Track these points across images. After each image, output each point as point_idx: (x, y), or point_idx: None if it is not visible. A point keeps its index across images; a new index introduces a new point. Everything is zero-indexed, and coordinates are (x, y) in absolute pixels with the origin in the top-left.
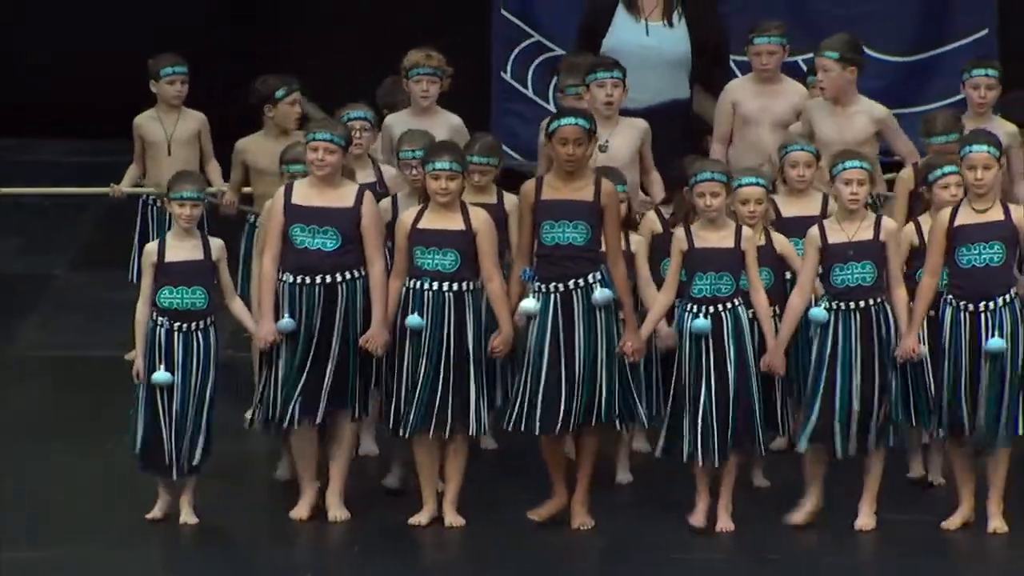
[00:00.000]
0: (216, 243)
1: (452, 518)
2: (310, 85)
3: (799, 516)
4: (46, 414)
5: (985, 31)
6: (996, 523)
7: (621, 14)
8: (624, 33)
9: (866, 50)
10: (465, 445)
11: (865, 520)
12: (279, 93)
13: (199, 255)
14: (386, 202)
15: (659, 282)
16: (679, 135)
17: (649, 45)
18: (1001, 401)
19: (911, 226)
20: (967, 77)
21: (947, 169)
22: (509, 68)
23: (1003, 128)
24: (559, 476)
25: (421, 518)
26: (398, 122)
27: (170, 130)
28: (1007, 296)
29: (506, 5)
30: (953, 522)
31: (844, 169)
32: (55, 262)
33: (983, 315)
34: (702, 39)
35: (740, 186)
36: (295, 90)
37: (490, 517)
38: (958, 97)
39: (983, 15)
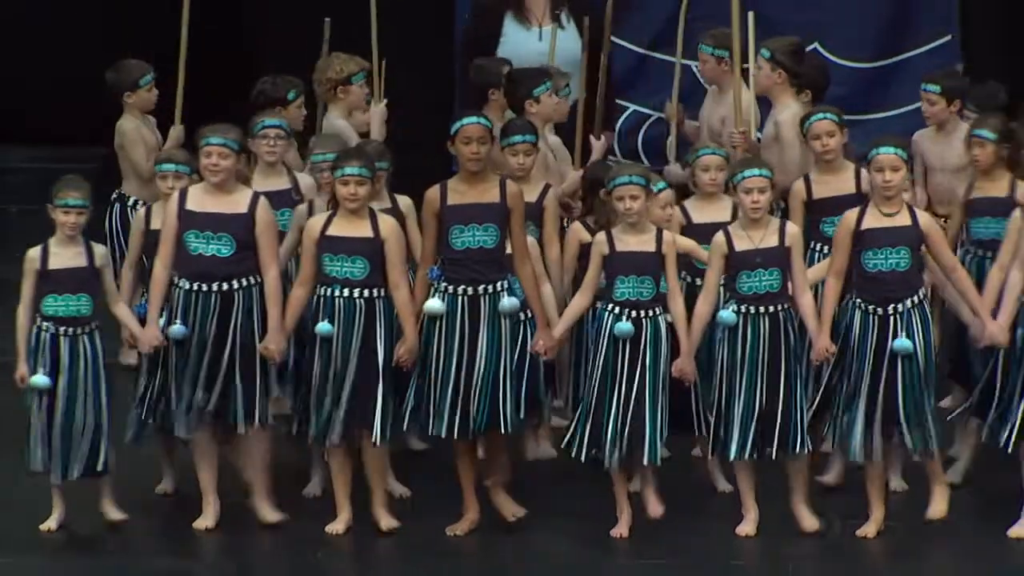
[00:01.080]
0: (99, 249)
1: (387, 521)
2: None
3: (746, 527)
4: None
5: (948, 37)
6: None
7: (510, 23)
8: (517, 41)
9: (828, 56)
10: (380, 450)
11: (808, 522)
12: (290, 95)
13: (83, 262)
14: (302, 208)
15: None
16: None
17: (543, 50)
18: (910, 404)
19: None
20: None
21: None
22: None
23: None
24: (470, 489)
25: (338, 526)
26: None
27: (150, 138)
28: (915, 298)
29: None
30: (867, 530)
31: (744, 178)
32: None
33: (891, 318)
34: (590, 40)
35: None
36: (301, 92)
37: (421, 520)
38: (916, 105)
39: (946, 21)
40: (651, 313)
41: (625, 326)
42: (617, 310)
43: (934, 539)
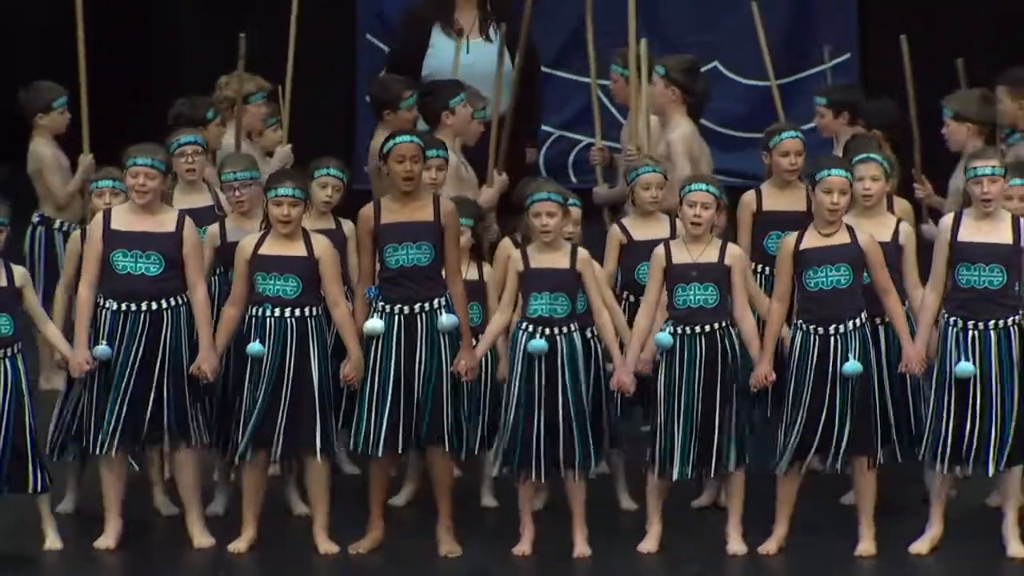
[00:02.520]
0: (19, 270)
1: (326, 545)
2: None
3: (648, 544)
4: None
5: (847, 55)
6: (866, 546)
7: (438, 35)
8: (444, 53)
9: (727, 74)
10: (323, 472)
11: (737, 546)
12: (209, 115)
13: (2, 282)
14: (214, 227)
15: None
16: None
17: (469, 63)
18: (857, 421)
19: None
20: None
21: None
22: (368, 100)
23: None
24: (378, 507)
25: (240, 544)
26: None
27: (65, 163)
28: (857, 320)
29: (371, 30)
30: (769, 547)
31: (689, 192)
32: None
33: (832, 338)
34: (512, 51)
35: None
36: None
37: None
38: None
39: (844, 40)
40: (566, 330)
41: (538, 343)
42: (531, 328)
43: (839, 556)
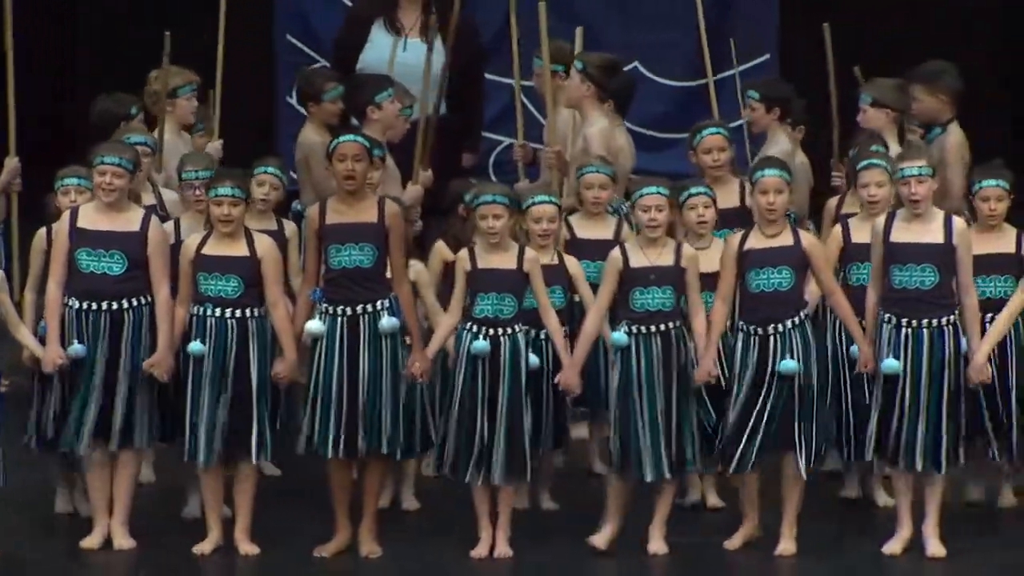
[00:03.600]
0: None
1: (246, 547)
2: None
3: (599, 540)
4: None
5: (767, 56)
6: (786, 545)
7: (379, 31)
8: (381, 49)
9: (648, 75)
10: (252, 473)
11: (658, 544)
12: (132, 111)
13: None
14: (169, 225)
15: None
16: (439, 149)
17: (406, 62)
18: (794, 425)
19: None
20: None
21: (693, 191)
22: (295, 93)
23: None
24: (343, 509)
25: (205, 547)
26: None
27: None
28: (796, 319)
29: (290, 29)
30: (733, 543)
31: (641, 196)
32: None
33: (772, 338)
34: (456, 58)
35: (532, 205)
36: (142, 109)
37: (281, 546)
38: (740, 121)
39: (765, 41)
40: (510, 331)
41: (481, 345)
42: (475, 328)
43: (810, 554)
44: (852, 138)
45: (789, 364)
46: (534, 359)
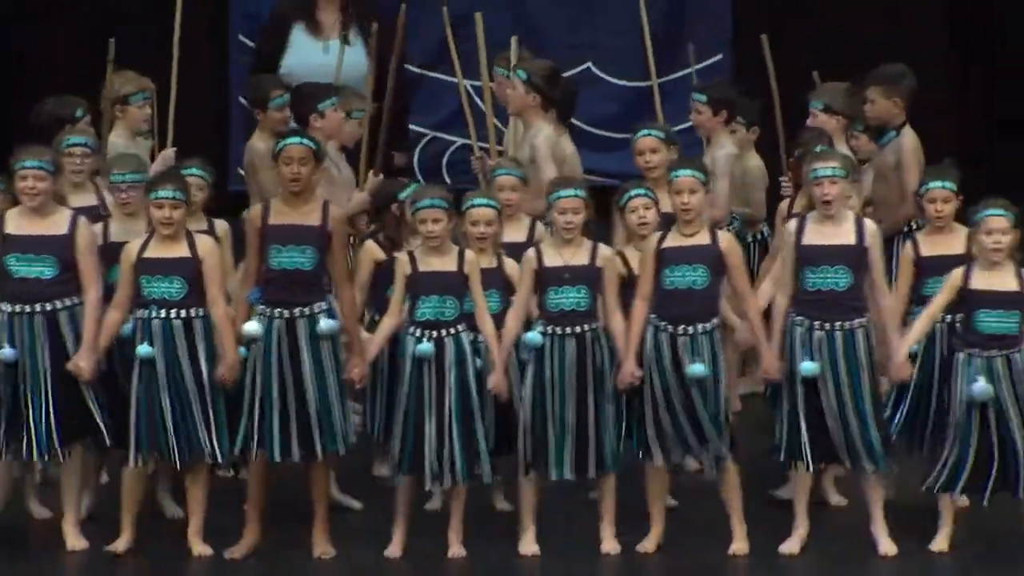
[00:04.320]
0: None
1: (200, 548)
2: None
3: (525, 546)
4: None
5: (720, 56)
6: (739, 545)
7: (299, 34)
8: (303, 52)
9: (601, 75)
10: (204, 474)
11: (611, 544)
12: (77, 113)
13: None
14: (98, 227)
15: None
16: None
17: (328, 63)
18: (702, 427)
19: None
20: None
21: (633, 192)
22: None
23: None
24: (256, 510)
25: (119, 545)
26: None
27: None
28: (708, 324)
29: (243, 30)
30: (647, 545)
31: (558, 198)
32: None
33: (682, 338)
34: (381, 56)
35: (470, 207)
36: (87, 112)
37: (226, 545)
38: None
39: (718, 41)
40: (453, 331)
41: (425, 347)
42: (419, 331)
43: (708, 553)
44: (797, 138)
45: (698, 368)
46: (478, 361)
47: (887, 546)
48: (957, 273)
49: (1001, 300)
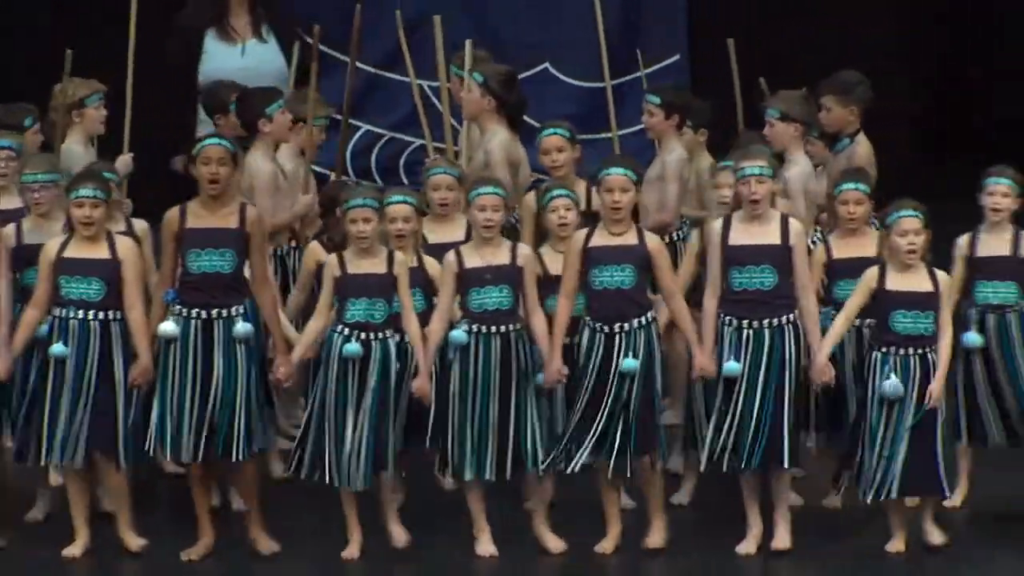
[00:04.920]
0: None
1: (131, 541)
2: None
3: (486, 547)
4: None
5: (677, 57)
6: (654, 539)
7: (211, 40)
8: (218, 58)
9: (558, 76)
10: (121, 476)
11: (554, 543)
12: (26, 122)
13: None
14: (10, 228)
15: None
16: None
17: (246, 66)
18: (631, 424)
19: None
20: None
21: (555, 193)
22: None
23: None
24: (204, 514)
25: (74, 550)
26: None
27: None
28: (642, 319)
29: None
30: (605, 546)
31: (478, 195)
32: None
33: (618, 336)
34: (291, 55)
35: (387, 204)
36: (38, 119)
37: (164, 540)
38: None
39: (674, 42)
40: (381, 335)
41: (353, 348)
42: (347, 332)
43: (662, 558)
44: (734, 146)
45: (630, 363)
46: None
47: (781, 540)
48: (871, 274)
49: (916, 301)
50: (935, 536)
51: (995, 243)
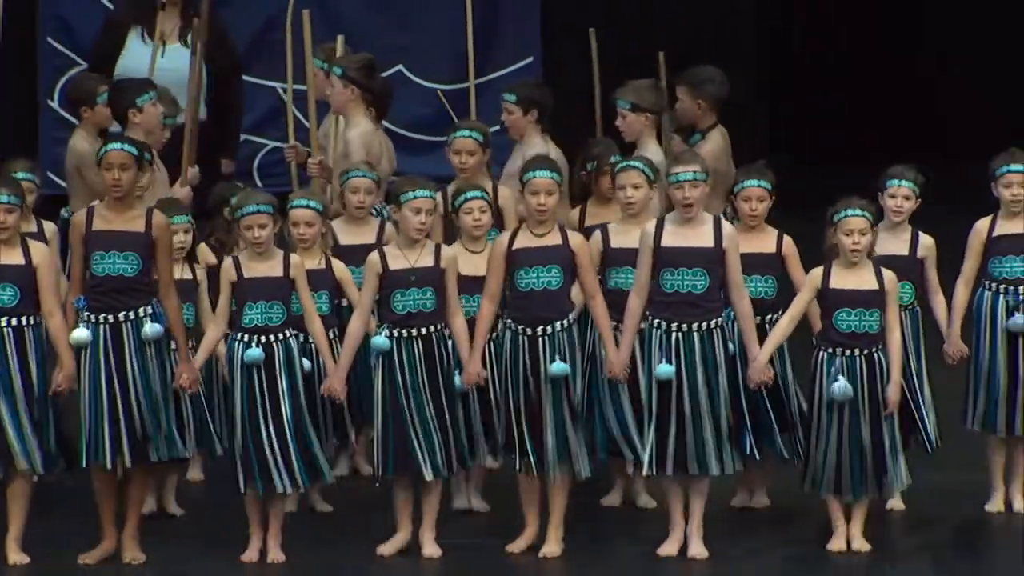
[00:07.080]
0: None
1: (15, 556)
2: None
3: (387, 548)
4: None
5: (530, 59)
6: (550, 547)
7: (135, 39)
8: (137, 55)
9: (412, 78)
10: (26, 483)
11: (431, 548)
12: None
13: None
14: None
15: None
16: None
17: (165, 67)
18: (565, 427)
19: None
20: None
21: (470, 195)
22: (56, 96)
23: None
24: (108, 517)
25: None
26: None
27: None
28: (564, 322)
29: (52, 33)
30: (518, 545)
31: (414, 197)
32: None
33: (541, 339)
34: (212, 60)
35: (290, 208)
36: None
37: (43, 554)
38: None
39: (528, 44)
40: (281, 336)
41: (254, 352)
42: (247, 337)
43: (588, 557)
44: (586, 150)
45: (560, 366)
46: (307, 363)
47: (697, 549)
48: (816, 273)
49: (861, 299)
50: (861, 543)
51: (893, 244)
